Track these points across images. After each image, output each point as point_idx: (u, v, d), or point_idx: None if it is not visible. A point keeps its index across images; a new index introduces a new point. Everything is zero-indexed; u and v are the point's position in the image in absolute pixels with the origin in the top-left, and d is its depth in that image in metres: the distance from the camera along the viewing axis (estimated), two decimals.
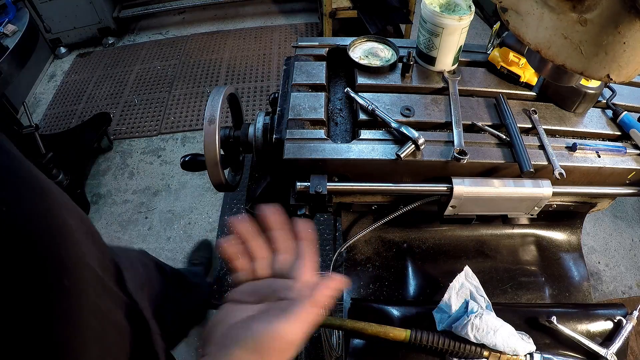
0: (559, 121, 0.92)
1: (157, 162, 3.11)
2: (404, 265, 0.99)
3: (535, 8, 0.61)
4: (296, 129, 0.86)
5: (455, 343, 0.74)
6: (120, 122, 3.38)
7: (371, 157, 0.82)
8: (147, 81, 3.69)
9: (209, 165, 0.86)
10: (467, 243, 1.03)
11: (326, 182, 0.81)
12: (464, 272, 0.82)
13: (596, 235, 2.58)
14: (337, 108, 0.97)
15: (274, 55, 3.83)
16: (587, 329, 0.82)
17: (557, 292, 0.98)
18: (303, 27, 4.12)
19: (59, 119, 3.46)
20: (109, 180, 3.02)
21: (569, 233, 1.05)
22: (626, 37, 0.53)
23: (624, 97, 0.98)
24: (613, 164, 0.85)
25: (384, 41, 1.05)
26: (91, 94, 3.63)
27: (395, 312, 0.84)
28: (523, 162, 0.80)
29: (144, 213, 2.82)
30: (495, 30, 1.01)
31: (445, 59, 0.97)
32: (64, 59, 4.02)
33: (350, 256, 1.00)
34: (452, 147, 0.82)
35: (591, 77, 0.61)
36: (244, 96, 3.46)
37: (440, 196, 0.86)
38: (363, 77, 0.98)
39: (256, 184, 1.01)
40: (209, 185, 2.89)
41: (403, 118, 0.89)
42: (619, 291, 2.35)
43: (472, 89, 0.98)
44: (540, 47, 0.64)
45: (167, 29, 4.26)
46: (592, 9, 0.53)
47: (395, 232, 1.03)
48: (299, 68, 0.98)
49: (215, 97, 0.87)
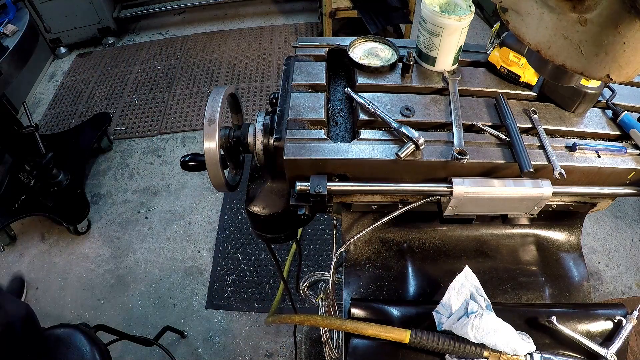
0: (559, 121, 0.92)
1: (157, 162, 3.11)
2: (404, 265, 0.99)
3: (535, 8, 0.61)
4: (296, 129, 0.86)
5: (455, 343, 0.74)
6: (120, 122, 3.38)
7: (371, 157, 0.82)
8: (147, 81, 3.69)
9: (209, 165, 0.86)
10: (467, 243, 1.03)
11: (326, 182, 0.81)
12: (464, 272, 0.82)
13: (596, 235, 2.58)
14: (337, 108, 0.97)
15: (274, 55, 3.83)
16: (587, 329, 0.82)
17: (557, 292, 0.98)
18: (303, 27, 4.12)
19: (59, 119, 3.46)
20: (109, 180, 3.02)
21: (569, 233, 1.05)
22: (626, 37, 0.53)
23: (624, 97, 0.98)
24: (613, 164, 0.85)
25: (384, 41, 1.05)
26: (91, 94, 3.63)
27: (395, 312, 0.84)
28: (523, 162, 0.80)
29: (144, 213, 2.82)
30: (495, 30, 1.01)
31: (445, 59, 0.97)
32: (64, 59, 4.02)
33: (350, 256, 1.00)
34: (452, 147, 0.82)
35: (591, 77, 0.61)
36: (244, 96, 3.46)
37: (440, 196, 0.86)
38: (363, 77, 0.98)
39: (256, 184, 1.01)
40: (209, 185, 2.89)
41: (403, 118, 0.89)
42: (619, 291, 2.35)
43: (472, 89, 0.98)
44: (540, 47, 0.64)
45: (167, 29, 4.26)
46: (592, 9, 0.53)
47: (395, 232, 1.03)
48: (299, 68, 0.98)
49: (215, 97, 0.87)
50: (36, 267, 2.59)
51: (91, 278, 2.52)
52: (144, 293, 2.44)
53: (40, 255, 2.64)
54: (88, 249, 2.65)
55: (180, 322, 2.31)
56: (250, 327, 2.27)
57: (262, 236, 1.06)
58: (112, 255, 2.61)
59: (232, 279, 2.45)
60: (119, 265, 2.56)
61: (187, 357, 2.20)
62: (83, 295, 2.45)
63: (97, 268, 2.56)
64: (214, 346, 2.22)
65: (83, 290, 2.48)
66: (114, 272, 2.54)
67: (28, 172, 2.51)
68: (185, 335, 2.25)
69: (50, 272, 2.56)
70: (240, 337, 2.24)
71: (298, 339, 2.12)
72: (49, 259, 2.62)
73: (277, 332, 2.23)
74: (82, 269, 2.56)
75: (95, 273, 2.54)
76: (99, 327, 1.69)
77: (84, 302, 2.43)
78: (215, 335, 2.25)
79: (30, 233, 2.75)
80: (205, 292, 2.41)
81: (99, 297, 2.44)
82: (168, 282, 2.47)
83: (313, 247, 2.56)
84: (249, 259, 2.53)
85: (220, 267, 2.51)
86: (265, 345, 2.20)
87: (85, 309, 2.40)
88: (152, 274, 2.51)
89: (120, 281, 2.50)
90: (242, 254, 2.55)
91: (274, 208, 0.96)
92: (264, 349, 2.20)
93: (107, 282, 2.50)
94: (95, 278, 2.52)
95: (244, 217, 2.72)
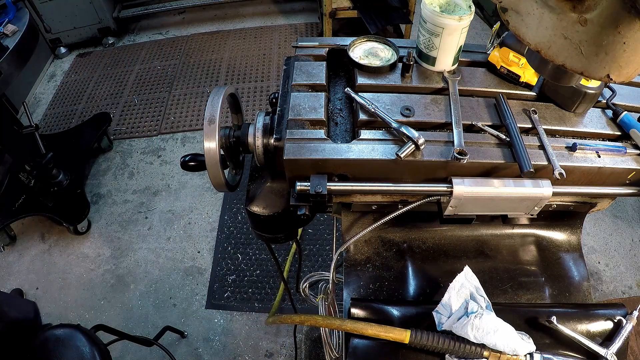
0: (559, 121, 0.92)
1: (157, 162, 3.11)
2: (404, 265, 0.99)
3: (535, 8, 0.61)
4: (296, 129, 0.86)
5: (455, 343, 0.74)
6: (120, 122, 3.38)
7: (371, 157, 0.82)
8: (147, 81, 3.69)
9: (209, 165, 0.86)
10: (467, 243, 1.03)
11: (326, 182, 0.81)
12: (464, 272, 0.82)
13: (596, 235, 2.58)
14: (337, 108, 0.97)
15: (274, 55, 3.82)
16: (587, 329, 0.82)
17: (557, 292, 0.98)
18: (303, 27, 4.12)
19: (59, 119, 3.46)
20: (109, 180, 3.02)
21: (569, 233, 1.05)
22: (626, 37, 0.53)
23: (624, 97, 0.98)
24: (613, 164, 0.85)
25: (384, 41, 1.05)
26: (91, 94, 3.63)
27: (395, 312, 0.84)
28: (523, 162, 0.80)
29: (144, 213, 2.82)
30: (495, 30, 1.01)
31: (445, 59, 0.97)
32: (64, 59, 4.02)
33: (350, 256, 1.00)
34: (452, 147, 0.82)
35: (591, 77, 0.61)
36: (244, 96, 3.46)
37: (440, 196, 0.86)
38: (363, 77, 0.98)
39: (256, 184, 1.01)
40: (209, 185, 2.89)
41: (403, 118, 0.89)
42: (619, 291, 2.35)
43: (472, 89, 0.98)
44: (540, 47, 0.64)
45: (167, 29, 4.25)
46: (592, 9, 0.53)
47: (395, 232, 1.03)
48: (299, 68, 0.98)
49: (215, 97, 0.87)
50: (36, 267, 2.59)
51: (91, 278, 2.52)
52: (144, 293, 2.44)
53: (40, 255, 2.64)
54: (88, 249, 2.65)
55: (180, 322, 2.31)
56: (250, 327, 2.27)
57: (262, 236, 1.06)
58: (112, 255, 2.61)
59: (232, 279, 2.45)
60: (119, 265, 2.56)
61: (187, 357, 2.20)
62: (83, 295, 2.45)
63: (97, 268, 2.56)
64: (214, 346, 2.22)
65: (83, 290, 2.48)
66: (114, 272, 2.54)
67: (28, 172, 2.51)
68: (185, 335, 2.25)
69: (50, 272, 2.56)
70: (240, 337, 2.24)
71: (298, 339, 2.12)
72: (49, 259, 2.62)
73: (277, 332, 2.23)
74: (82, 269, 2.56)
75: (95, 273, 2.54)
76: (98, 327, 1.69)
77: (84, 302, 2.43)
78: (215, 335, 2.25)
79: (30, 233, 2.75)
80: (205, 292, 2.41)
81: (99, 297, 2.44)
82: (168, 282, 2.47)
83: (313, 247, 2.56)
84: (249, 259, 2.53)
85: (220, 267, 2.51)
86: (265, 345, 2.21)
87: (85, 309, 2.40)
88: (152, 274, 2.51)
89: (120, 281, 2.50)
90: (242, 254, 2.55)
91: (274, 208, 0.96)
92: (264, 349, 2.20)
93: (107, 282, 2.50)
94: (95, 278, 2.52)
95: (244, 217, 2.72)
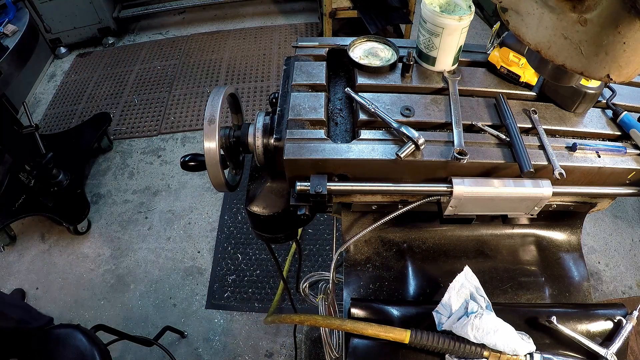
0: (559, 121, 0.92)
1: (157, 162, 3.11)
2: (404, 265, 0.99)
3: (535, 8, 0.61)
4: (296, 129, 0.86)
5: (455, 343, 0.74)
6: (120, 122, 3.38)
7: (371, 157, 0.82)
8: (147, 81, 3.69)
9: (209, 165, 0.86)
10: (467, 243, 1.03)
11: (326, 182, 0.81)
12: (464, 272, 0.82)
13: (596, 235, 2.58)
14: (337, 108, 0.97)
15: (274, 55, 3.82)
16: (587, 329, 0.82)
17: (557, 292, 0.98)
18: (303, 27, 4.12)
19: (59, 119, 3.46)
20: (109, 180, 3.02)
21: (569, 233, 1.05)
22: (626, 37, 0.53)
23: (624, 97, 0.98)
24: (613, 164, 0.85)
25: (384, 41, 1.05)
26: (91, 94, 3.63)
27: (395, 312, 0.84)
28: (523, 162, 0.80)
29: (144, 213, 2.82)
30: (495, 30, 1.01)
31: (445, 59, 0.97)
32: (64, 59, 4.02)
33: (350, 256, 1.00)
34: (452, 147, 0.82)
35: (591, 77, 0.61)
36: (244, 96, 3.46)
37: (440, 196, 0.86)
38: (363, 77, 0.98)
39: (256, 184, 1.01)
40: (209, 185, 2.89)
41: (403, 118, 0.89)
42: (619, 291, 2.35)
43: (472, 89, 0.98)
44: (540, 47, 0.64)
45: (167, 29, 4.25)
46: (592, 9, 0.53)
47: (395, 232, 1.03)
48: (299, 68, 0.98)
49: (215, 97, 0.87)
50: (36, 267, 2.59)
51: (91, 278, 2.52)
52: (144, 293, 2.44)
53: (40, 255, 2.64)
54: (88, 249, 2.65)
55: (180, 322, 2.31)
56: (250, 327, 2.27)
57: (262, 236, 1.06)
58: (112, 255, 2.61)
59: (232, 279, 2.45)
60: (119, 265, 2.56)
61: (187, 357, 2.20)
62: (83, 295, 2.45)
63: (97, 268, 2.56)
64: (214, 346, 2.22)
65: (83, 290, 2.48)
66: (114, 272, 2.54)
67: (28, 172, 2.51)
68: (185, 335, 2.25)
69: (50, 272, 2.56)
70: (240, 337, 2.24)
71: (298, 339, 2.12)
72: (49, 259, 2.62)
73: (277, 332, 2.23)
74: (82, 269, 2.56)
75: (95, 273, 2.54)
76: (98, 327, 1.69)
77: (84, 302, 2.43)
78: (215, 335, 2.25)
79: (30, 233, 2.75)
80: (205, 292, 2.41)
81: (99, 297, 2.44)
82: (168, 282, 2.47)
83: (313, 247, 2.56)
84: (249, 259, 2.53)
85: (220, 267, 2.51)
86: (265, 345, 2.20)
87: (86, 309, 2.40)
88: (152, 274, 2.51)
89: (120, 281, 2.50)
90: (242, 254, 2.55)
91: (274, 208, 0.96)
92: (264, 349, 2.20)
93: (107, 282, 2.50)
94: (95, 278, 2.52)
95: (244, 217, 2.72)
